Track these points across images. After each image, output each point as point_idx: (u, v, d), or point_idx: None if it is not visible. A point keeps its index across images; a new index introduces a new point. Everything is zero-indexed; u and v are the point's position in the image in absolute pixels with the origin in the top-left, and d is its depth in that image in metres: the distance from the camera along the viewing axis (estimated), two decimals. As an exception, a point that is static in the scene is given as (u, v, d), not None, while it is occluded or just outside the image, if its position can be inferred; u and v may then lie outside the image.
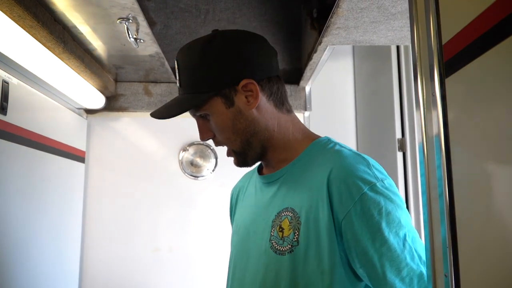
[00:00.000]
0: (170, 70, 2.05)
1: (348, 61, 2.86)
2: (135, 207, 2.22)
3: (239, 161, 0.96)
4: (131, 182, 2.24)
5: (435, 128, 0.62)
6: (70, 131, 2.00)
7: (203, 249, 2.23)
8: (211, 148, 2.28)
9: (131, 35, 1.48)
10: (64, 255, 1.91)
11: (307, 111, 2.32)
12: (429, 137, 0.63)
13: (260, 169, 1.05)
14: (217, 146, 0.98)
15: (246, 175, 1.15)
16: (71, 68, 1.65)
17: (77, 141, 2.06)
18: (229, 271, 1.03)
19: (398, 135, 2.27)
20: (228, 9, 2.23)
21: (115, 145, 2.26)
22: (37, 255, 1.61)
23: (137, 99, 2.23)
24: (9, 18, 1.19)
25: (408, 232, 0.81)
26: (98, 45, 1.67)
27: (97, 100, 2.07)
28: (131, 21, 1.40)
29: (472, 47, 0.55)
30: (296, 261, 0.84)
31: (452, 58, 0.60)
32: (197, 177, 2.28)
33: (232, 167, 1.00)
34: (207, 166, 2.28)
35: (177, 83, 0.95)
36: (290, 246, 0.84)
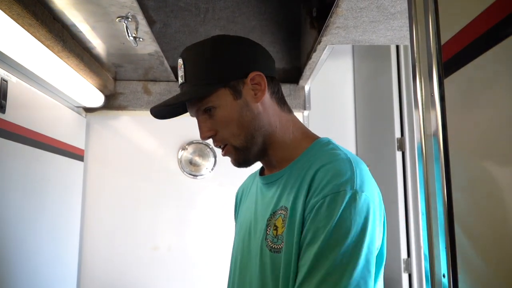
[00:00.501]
0: (169, 68, 2.05)
1: (347, 61, 2.86)
2: (133, 205, 2.22)
3: (239, 159, 0.96)
4: (130, 180, 2.24)
5: (433, 128, 0.62)
6: (69, 129, 2.00)
7: (202, 248, 2.23)
8: (210, 147, 2.28)
9: (130, 34, 1.48)
10: (62, 253, 1.91)
11: (306, 110, 2.32)
12: (427, 137, 0.63)
13: (262, 170, 1.06)
14: (216, 147, 0.97)
15: (250, 176, 1.16)
16: (70, 66, 1.65)
17: (76, 140, 2.06)
18: (230, 271, 1.04)
19: (397, 134, 2.27)
20: (227, 8, 2.23)
21: (114, 143, 2.26)
22: (35, 253, 1.61)
23: (136, 98, 2.23)
24: (8, 16, 1.19)
25: (348, 251, 0.76)
26: (97, 43, 1.67)
27: (96, 98, 2.07)
28: (130, 19, 1.40)
29: (471, 48, 0.55)
30: (290, 258, 0.84)
31: (451, 58, 0.60)
32: (196, 176, 2.28)
33: (231, 166, 1.00)
34: (206, 165, 2.28)
35: (180, 80, 0.95)
36: (284, 244, 0.85)
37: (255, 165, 1.02)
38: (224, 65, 0.92)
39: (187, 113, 0.99)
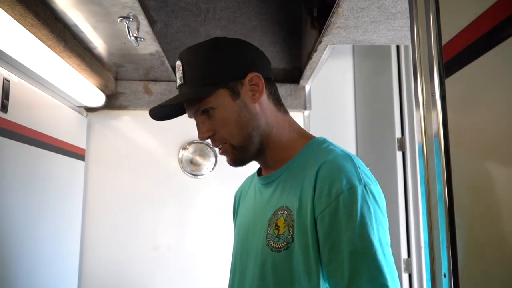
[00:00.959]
0: (170, 68, 2.05)
1: (348, 60, 2.86)
2: (134, 205, 2.23)
3: (236, 158, 0.97)
4: (130, 180, 2.24)
5: (434, 129, 0.62)
6: (70, 129, 2.00)
7: (202, 247, 2.23)
8: (211, 146, 2.28)
9: (131, 34, 1.49)
10: (63, 252, 1.92)
11: (306, 110, 2.32)
12: (428, 137, 0.63)
13: (260, 171, 1.07)
14: (215, 146, 0.98)
15: (248, 178, 1.17)
16: (72, 66, 1.65)
17: (77, 139, 2.06)
18: (231, 271, 1.05)
19: (398, 134, 2.27)
20: (228, 8, 2.23)
21: (115, 143, 2.26)
22: (36, 252, 1.62)
23: (137, 98, 2.23)
24: (10, 17, 1.20)
25: (379, 240, 0.80)
26: (98, 43, 1.67)
27: (97, 98, 2.07)
28: (131, 19, 1.41)
29: (472, 48, 0.56)
30: (292, 258, 0.85)
31: (452, 59, 0.61)
32: (197, 175, 2.28)
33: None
34: (207, 164, 2.28)
35: (179, 81, 0.95)
36: (285, 243, 0.86)
37: (253, 165, 1.03)
38: (222, 66, 0.93)
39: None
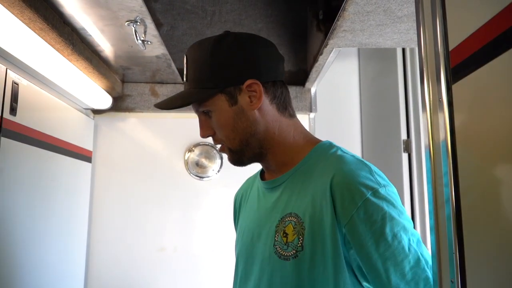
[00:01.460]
0: (176, 71, 2.06)
1: (353, 62, 2.86)
2: (140, 206, 2.24)
3: (233, 159, 0.97)
4: (137, 182, 2.25)
5: (442, 134, 0.62)
6: (78, 131, 2.01)
7: (208, 249, 2.24)
8: (217, 149, 2.29)
9: (138, 37, 1.50)
10: (70, 253, 1.93)
11: (312, 113, 2.33)
12: (436, 143, 0.63)
13: (262, 174, 1.06)
14: (216, 145, 0.99)
15: (248, 180, 1.15)
16: (79, 69, 1.67)
17: (84, 141, 2.07)
18: (235, 276, 1.03)
19: (404, 136, 2.27)
20: (234, 10, 2.24)
21: (121, 145, 2.27)
22: (43, 253, 1.63)
23: (143, 100, 2.24)
24: (19, 21, 1.21)
25: (412, 236, 0.82)
26: (106, 46, 1.68)
27: (104, 100, 2.09)
28: (139, 23, 1.41)
29: (480, 54, 0.56)
30: (301, 266, 0.84)
31: (459, 64, 0.61)
32: (203, 177, 2.29)
33: (237, 168, 1.01)
34: (213, 166, 2.29)
35: (184, 78, 0.96)
36: (294, 251, 0.85)
37: (257, 166, 1.03)
38: (221, 71, 0.91)
39: (193, 114, 1.00)
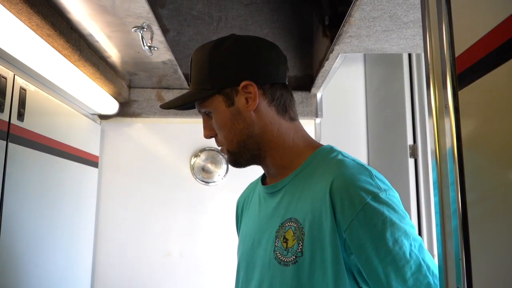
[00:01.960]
0: (182, 76, 2.07)
1: (359, 67, 2.86)
2: (146, 212, 2.24)
3: (231, 161, 0.99)
4: (143, 187, 2.26)
5: (448, 140, 0.62)
6: (84, 136, 2.03)
7: (213, 254, 2.24)
8: (222, 154, 2.29)
9: (145, 43, 1.51)
10: (76, 258, 1.94)
11: (318, 118, 2.33)
12: (442, 149, 0.63)
13: (264, 178, 1.06)
14: (218, 146, 1.00)
15: (250, 185, 1.15)
16: (86, 75, 1.68)
17: (91, 146, 2.09)
18: (236, 282, 1.04)
19: (410, 141, 2.26)
20: (240, 16, 2.25)
21: (127, 150, 2.28)
22: (50, 258, 1.64)
23: (149, 105, 2.26)
24: (27, 27, 1.22)
25: (414, 242, 0.80)
26: (113, 52, 1.70)
27: (111, 106, 2.10)
28: (145, 29, 1.42)
29: (486, 60, 0.56)
30: (301, 272, 0.83)
31: (465, 70, 0.61)
32: (208, 182, 2.29)
33: (243, 173, 1.02)
34: (218, 172, 2.30)
35: (189, 80, 1.00)
36: (294, 257, 0.84)
37: (261, 170, 1.04)
38: (218, 72, 0.93)
39: (199, 119, 1.02)
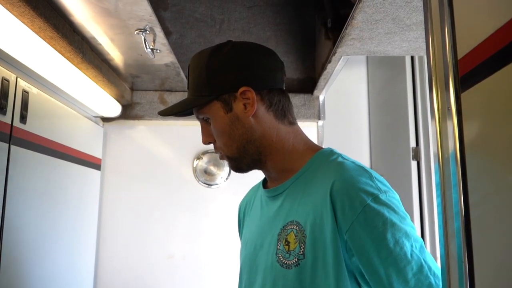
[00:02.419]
0: (185, 79, 2.08)
1: (362, 70, 2.86)
2: (149, 214, 2.24)
3: (232, 166, 0.99)
4: (145, 189, 2.26)
5: (450, 143, 0.62)
6: (87, 139, 2.03)
7: (216, 257, 2.23)
8: (225, 156, 2.29)
9: (148, 46, 1.51)
10: (79, 260, 1.94)
11: (320, 120, 2.32)
12: (444, 151, 0.63)
13: (265, 182, 1.06)
14: (217, 152, 1.00)
15: (252, 189, 1.16)
16: (89, 77, 1.68)
17: (93, 149, 2.09)
18: (239, 286, 1.04)
19: (412, 144, 2.26)
20: (243, 18, 2.25)
21: (130, 153, 2.29)
22: (52, 260, 1.64)
23: (152, 108, 2.26)
24: (30, 30, 1.23)
25: (415, 242, 0.81)
26: (115, 55, 1.70)
27: (114, 108, 2.10)
28: (148, 32, 1.43)
29: (488, 63, 0.56)
30: (303, 275, 0.84)
31: (468, 73, 0.60)
32: (211, 185, 2.29)
33: (246, 175, 1.02)
34: (221, 174, 2.29)
35: (187, 86, 1.00)
36: (296, 260, 0.85)
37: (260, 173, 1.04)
38: (216, 78, 0.94)
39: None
